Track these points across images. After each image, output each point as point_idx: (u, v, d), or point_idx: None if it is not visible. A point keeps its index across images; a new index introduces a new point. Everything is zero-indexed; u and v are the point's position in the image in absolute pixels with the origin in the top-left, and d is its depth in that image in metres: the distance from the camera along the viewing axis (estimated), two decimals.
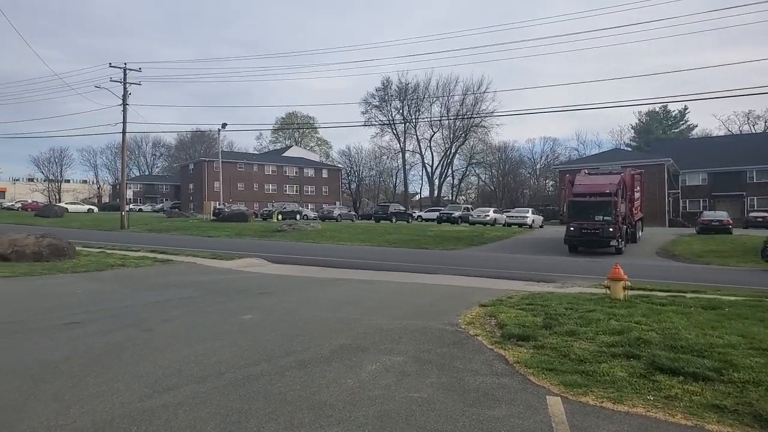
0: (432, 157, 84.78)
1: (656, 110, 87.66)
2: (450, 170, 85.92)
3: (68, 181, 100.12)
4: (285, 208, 51.52)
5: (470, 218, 42.72)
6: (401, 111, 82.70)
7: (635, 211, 27.42)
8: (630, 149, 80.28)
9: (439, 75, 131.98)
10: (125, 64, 35.81)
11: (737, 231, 32.13)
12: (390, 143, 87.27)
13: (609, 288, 9.16)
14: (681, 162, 55.70)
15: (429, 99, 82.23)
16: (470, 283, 12.36)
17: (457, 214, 44.19)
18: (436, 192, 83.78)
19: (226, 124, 53.03)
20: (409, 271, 14.89)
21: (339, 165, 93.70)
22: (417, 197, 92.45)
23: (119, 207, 40.81)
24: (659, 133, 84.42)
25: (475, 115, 76.82)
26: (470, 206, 54.87)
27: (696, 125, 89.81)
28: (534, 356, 5.54)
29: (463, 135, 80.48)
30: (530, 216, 41.53)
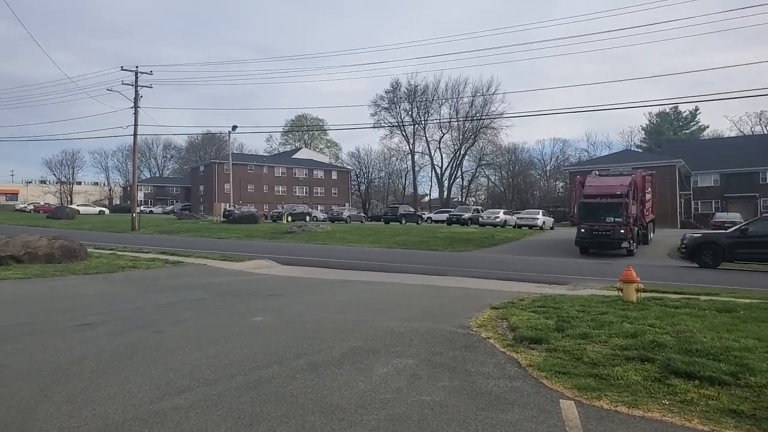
0: (441, 159, 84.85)
1: (667, 111, 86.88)
2: (459, 172, 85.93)
3: (80, 183, 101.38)
4: (295, 210, 51.76)
5: (480, 220, 42.61)
6: (410, 113, 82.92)
7: (646, 213, 27.15)
8: (641, 150, 79.57)
9: (449, 77, 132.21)
10: (137, 67, 36.17)
11: None
12: (399, 145, 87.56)
13: (621, 290, 9.04)
14: (692, 163, 55.17)
15: (438, 101, 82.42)
16: (481, 285, 12.29)
17: (467, 216, 44.14)
18: (446, 193, 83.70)
19: (237, 127, 53.38)
20: (419, 273, 14.86)
21: (348, 167, 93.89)
22: (426, 199, 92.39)
23: (130, 209, 41.17)
24: (670, 135, 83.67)
25: (485, 117, 76.71)
26: (480, 208, 54.80)
27: (707, 126, 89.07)
28: (547, 359, 5.47)
29: (473, 136, 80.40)
30: (541, 217, 41.24)
